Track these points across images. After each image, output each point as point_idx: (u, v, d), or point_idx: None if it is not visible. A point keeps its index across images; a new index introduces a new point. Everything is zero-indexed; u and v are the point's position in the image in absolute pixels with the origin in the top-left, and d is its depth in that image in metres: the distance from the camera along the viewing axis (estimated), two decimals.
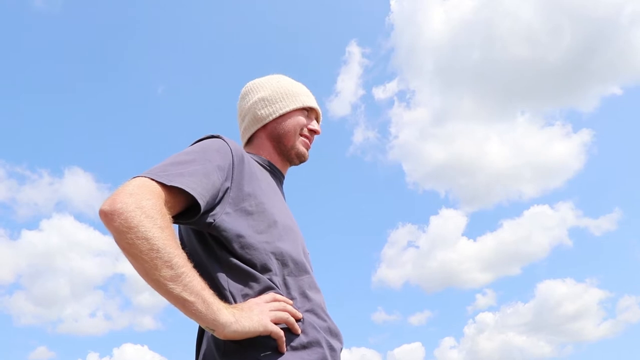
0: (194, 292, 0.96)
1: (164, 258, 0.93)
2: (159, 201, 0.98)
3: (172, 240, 0.96)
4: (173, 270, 0.93)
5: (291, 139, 1.43)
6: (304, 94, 1.49)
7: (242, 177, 1.19)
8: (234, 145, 1.23)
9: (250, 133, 1.46)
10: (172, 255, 0.94)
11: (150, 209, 0.95)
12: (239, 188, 1.17)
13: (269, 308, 1.06)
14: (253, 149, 1.45)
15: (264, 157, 1.42)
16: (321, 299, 1.24)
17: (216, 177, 1.12)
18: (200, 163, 1.10)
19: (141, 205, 0.94)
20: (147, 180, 1.00)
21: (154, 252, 0.92)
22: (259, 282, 1.11)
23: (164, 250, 0.93)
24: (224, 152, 1.18)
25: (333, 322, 1.23)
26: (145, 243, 0.92)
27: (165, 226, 0.96)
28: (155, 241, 0.93)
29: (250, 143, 1.47)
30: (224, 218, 1.12)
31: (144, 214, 0.93)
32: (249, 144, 1.47)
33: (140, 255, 0.92)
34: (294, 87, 1.48)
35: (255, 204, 1.19)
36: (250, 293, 1.10)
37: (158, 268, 0.92)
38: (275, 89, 1.47)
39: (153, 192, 0.98)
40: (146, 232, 0.92)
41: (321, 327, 1.16)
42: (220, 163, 1.15)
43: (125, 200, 0.94)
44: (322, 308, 1.21)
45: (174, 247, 0.95)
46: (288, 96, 1.45)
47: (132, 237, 0.92)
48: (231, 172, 1.17)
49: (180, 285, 0.94)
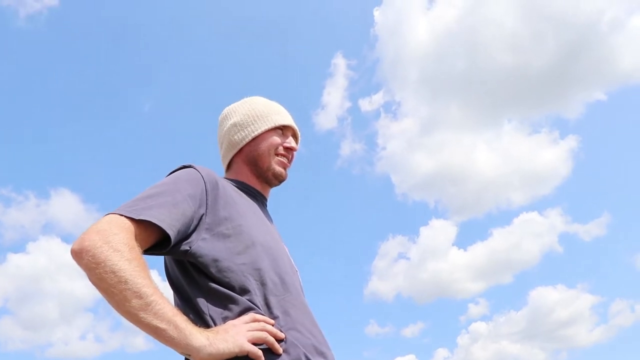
0: (165, 319, 0.97)
1: (133, 289, 0.95)
2: (127, 235, 1.01)
3: (140, 271, 0.98)
4: (142, 300, 0.96)
5: (266, 160, 1.44)
6: (276, 112, 1.49)
7: (217, 202, 1.21)
8: (205, 172, 1.25)
9: (228, 159, 1.49)
10: (140, 285, 0.96)
11: (117, 243, 0.98)
12: (214, 213, 1.19)
13: (247, 328, 1.07)
14: (232, 175, 1.48)
15: (242, 181, 1.44)
16: (307, 316, 1.23)
17: (186, 206, 1.14)
18: (169, 194, 1.13)
19: (108, 240, 0.98)
20: (116, 216, 1.04)
21: (122, 284, 0.95)
22: (238, 304, 1.12)
23: (131, 281, 0.95)
24: (195, 181, 1.20)
25: (321, 339, 1.21)
26: (113, 276, 0.95)
27: (133, 258, 0.99)
28: (122, 273, 0.95)
29: (229, 169, 1.50)
30: (200, 244, 1.15)
31: (111, 249, 0.97)
32: (228, 169, 1.50)
33: (110, 288, 0.95)
34: (265, 108, 1.49)
35: (232, 226, 1.20)
36: (230, 315, 1.11)
37: (127, 299, 0.95)
38: (246, 112, 1.48)
39: (121, 227, 1.02)
40: (113, 265, 0.95)
41: (305, 346, 1.14)
42: (191, 192, 1.17)
43: (93, 237, 0.98)
44: (307, 326, 1.20)
45: (142, 277, 0.97)
46: (259, 118, 1.47)
47: (101, 272, 0.95)
48: (205, 198, 1.19)
49: (151, 314, 0.96)
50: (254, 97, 1.56)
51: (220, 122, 1.55)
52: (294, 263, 1.40)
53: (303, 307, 1.24)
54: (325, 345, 1.21)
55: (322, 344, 1.20)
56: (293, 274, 1.31)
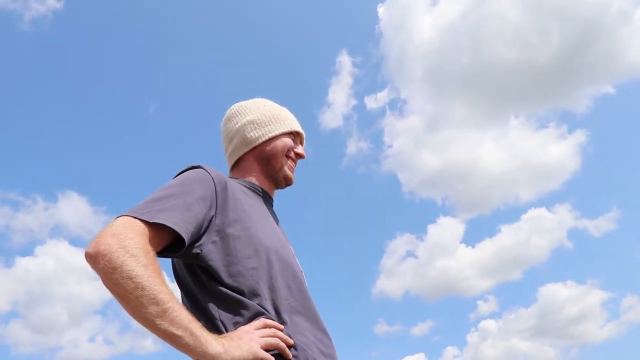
0: (181, 326, 0.97)
1: (150, 295, 0.95)
2: (142, 239, 1.00)
3: (156, 276, 0.98)
4: (159, 307, 0.95)
5: (279, 160, 1.44)
6: (291, 118, 1.52)
7: (226, 204, 1.20)
8: (215, 173, 1.24)
9: (238, 155, 1.47)
10: (157, 292, 0.96)
11: (133, 248, 0.97)
12: (223, 215, 1.19)
13: (259, 335, 1.07)
14: (239, 173, 1.46)
15: (250, 181, 1.43)
16: (314, 320, 1.23)
17: (198, 208, 1.13)
18: (180, 196, 1.12)
19: (124, 244, 0.97)
20: (130, 219, 1.03)
21: (139, 290, 0.94)
22: (248, 309, 1.12)
23: (148, 287, 0.95)
24: (205, 182, 1.20)
25: (327, 342, 1.22)
26: (130, 282, 0.94)
27: (149, 263, 0.98)
28: (139, 279, 0.95)
29: (237, 166, 1.48)
30: (210, 247, 1.15)
31: (127, 253, 0.96)
32: (235, 167, 1.49)
33: (126, 294, 0.95)
34: (281, 112, 1.51)
35: (241, 228, 1.20)
36: (241, 320, 1.11)
37: (144, 305, 0.95)
38: (263, 112, 1.49)
39: (136, 231, 1.01)
40: (130, 271, 0.94)
41: (313, 349, 1.16)
42: (201, 193, 1.16)
43: (108, 241, 0.97)
44: (313, 330, 1.20)
45: (158, 284, 0.97)
46: (277, 120, 1.48)
47: (117, 277, 0.94)
48: (214, 200, 1.19)
49: (167, 321, 0.96)
50: (265, 99, 1.57)
51: (229, 117, 1.53)
52: (299, 263, 1.40)
53: (310, 311, 1.24)
54: (332, 349, 1.22)
55: (329, 347, 1.21)
56: (300, 276, 1.31)
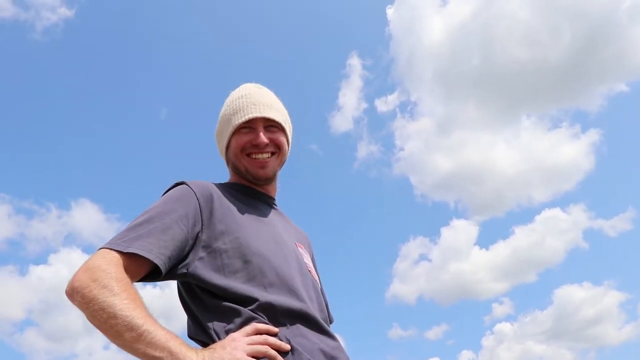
0: (158, 347, 0.98)
1: (123, 323, 0.97)
2: (115, 269, 1.04)
3: (130, 302, 1.00)
4: (134, 332, 0.97)
5: (241, 163, 1.39)
6: (237, 110, 1.38)
7: (213, 216, 1.21)
8: (198, 187, 1.24)
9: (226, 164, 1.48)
10: (130, 317, 0.98)
11: (104, 279, 1.01)
12: (210, 229, 1.19)
13: (247, 342, 1.05)
14: (232, 177, 1.47)
15: (242, 184, 1.43)
16: (316, 319, 1.19)
17: (177, 229, 1.14)
18: (158, 219, 1.14)
19: (95, 277, 1.01)
20: (106, 251, 1.07)
21: (112, 320, 0.97)
22: (240, 315, 1.11)
23: (121, 315, 0.97)
24: (186, 199, 1.20)
25: (332, 343, 1.19)
26: (103, 313, 0.98)
27: (122, 291, 1.01)
28: (111, 309, 0.98)
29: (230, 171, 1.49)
30: (197, 265, 1.16)
31: (99, 286, 1.00)
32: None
33: (102, 325, 0.99)
34: (229, 108, 1.41)
35: (230, 240, 1.19)
36: (233, 328, 1.10)
37: (120, 333, 0.97)
38: (220, 119, 1.45)
39: (110, 262, 1.04)
40: (102, 302, 0.98)
41: (311, 351, 1.12)
42: (182, 212, 1.17)
43: (81, 277, 1.02)
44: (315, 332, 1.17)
45: (131, 309, 0.99)
46: (226, 123, 1.41)
47: (91, 311, 0.99)
48: (199, 215, 1.19)
49: (144, 344, 0.98)
50: (231, 93, 1.47)
51: None
52: (307, 262, 1.36)
53: (309, 311, 1.19)
54: (338, 350, 1.18)
55: (333, 349, 1.17)
56: (302, 277, 1.27)
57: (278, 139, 1.39)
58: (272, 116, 1.38)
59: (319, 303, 1.29)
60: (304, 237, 1.55)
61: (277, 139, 1.39)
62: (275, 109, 1.40)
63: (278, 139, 1.39)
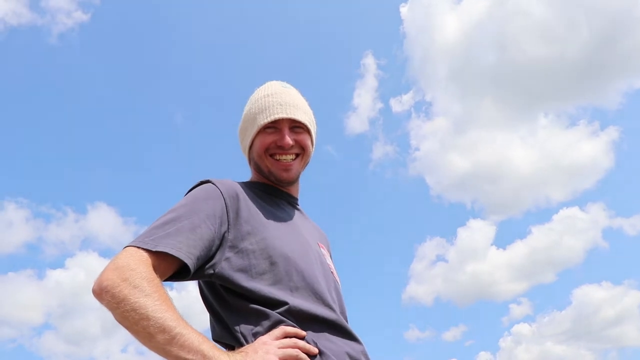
0: (192, 350, 0.96)
1: (156, 324, 0.95)
2: (145, 268, 1.01)
3: (161, 304, 0.98)
4: (167, 334, 0.95)
5: (264, 164, 1.37)
6: (263, 110, 1.35)
7: (239, 217, 1.19)
8: (225, 186, 1.22)
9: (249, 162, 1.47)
10: (163, 319, 0.96)
11: (135, 279, 0.98)
12: (236, 229, 1.18)
13: (277, 345, 1.05)
14: (254, 176, 1.45)
15: (265, 183, 1.41)
16: (341, 324, 1.19)
17: (205, 228, 1.12)
18: (186, 217, 1.12)
19: (125, 277, 0.98)
20: (133, 249, 1.04)
21: (144, 321, 0.95)
22: (268, 318, 1.11)
23: (153, 317, 0.95)
24: (213, 198, 1.18)
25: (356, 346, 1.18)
26: (135, 314, 0.95)
27: (153, 292, 0.98)
28: (143, 310, 0.95)
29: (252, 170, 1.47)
30: (223, 266, 1.14)
31: (129, 286, 0.97)
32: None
33: (134, 326, 0.96)
34: (255, 107, 1.38)
35: (256, 241, 1.18)
36: (261, 330, 1.10)
37: (152, 335, 0.95)
38: (243, 117, 1.42)
39: (139, 261, 1.02)
40: (134, 303, 0.95)
41: (338, 354, 1.12)
42: (209, 212, 1.15)
43: (110, 276, 0.98)
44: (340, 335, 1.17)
45: (164, 311, 0.97)
46: (250, 122, 1.38)
47: (122, 311, 0.96)
48: (226, 215, 1.17)
49: (177, 347, 0.95)
50: (256, 90, 1.44)
51: None
52: (329, 263, 1.35)
53: (333, 313, 1.20)
54: (363, 354, 1.19)
55: (359, 353, 1.17)
56: (325, 278, 1.26)
57: (303, 141, 1.37)
58: (299, 117, 1.35)
59: (340, 305, 1.28)
60: (324, 237, 1.54)
61: (302, 141, 1.37)
62: (301, 109, 1.37)
63: (303, 141, 1.37)
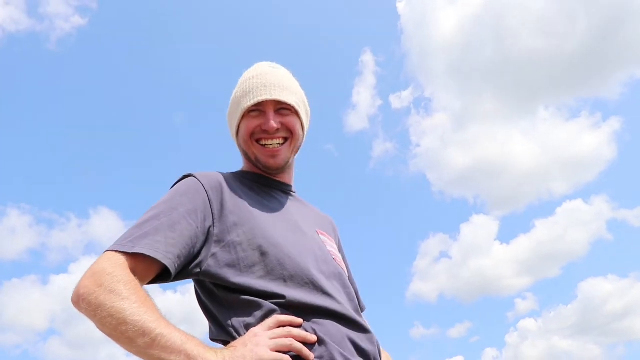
0: (174, 351, 0.92)
1: (135, 328, 0.91)
2: (122, 272, 0.97)
3: (140, 306, 0.94)
4: (147, 337, 0.91)
5: (250, 152, 1.30)
6: (247, 92, 1.28)
7: (224, 209, 1.14)
8: (207, 178, 1.17)
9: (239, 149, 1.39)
10: (141, 322, 0.92)
11: (111, 284, 0.94)
12: (222, 221, 1.13)
13: (269, 336, 1.00)
14: (245, 165, 1.39)
15: (254, 172, 1.34)
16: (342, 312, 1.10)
17: (185, 224, 1.08)
18: (165, 215, 1.08)
19: (101, 283, 0.94)
20: (111, 253, 1.01)
21: (122, 326, 0.91)
22: (260, 309, 1.06)
23: (131, 320, 0.91)
24: (193, 192, 1.14)
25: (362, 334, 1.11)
26: (112, 320, 0.92)
27: (131, 294, 0.94)
28: (120, 315, 0.92)
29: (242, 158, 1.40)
30: (210, 263, 1.09)
31: (105, 291, 0.93)
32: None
33: (113, 332, 0.93)
34: (240, 90, 1.31)
35: (244, 232, 1.12)
36: (252, 322, 1.05)
37: (132, 339, 0.91)
38: (231, 100, 1.35)
39: (115, 265, 0.98)
40: (110, 308, 0.92)
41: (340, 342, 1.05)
42: (189, 207, 1.10)
43: (86, 283, 0.96)
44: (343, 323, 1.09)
45: (142, 313, 0.93)
46: (235, 106, 1.31)
47: (100, 318, 0.93)
48: (209, 209, 1.12)
49: (159, 349, 0.92)
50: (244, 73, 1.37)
51: None
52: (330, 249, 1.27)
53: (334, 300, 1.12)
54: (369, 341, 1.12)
55: (363, 340, 1.11)
56: (324, 265, 1.19)
57: (290, 123, 1.28)
58: (284, 98, 1.27)
59: (347, 293, 1.20)
60: (328, 222, 1.47)
61: (289, 123, 1.28)
62: (288, 90, 1.29)
63: (290, 123, 1.28)
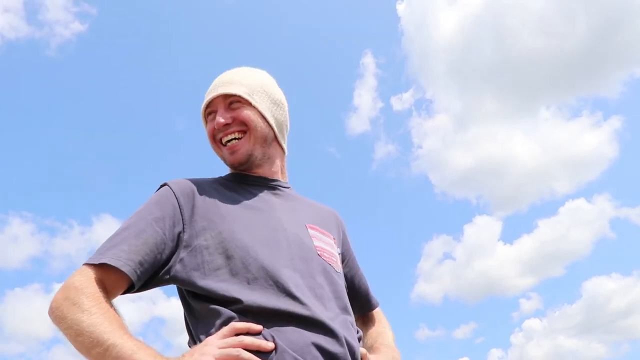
0: None
1: (90, 339, 0.95)
2: (88, 284, 1.01)
3: (99, 317, 0.97)
4: (100, 347, 0.94)
5: (217, 153, 1.33)
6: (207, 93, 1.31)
7: (194, 213, 1.15)
8: (179, 185, 1.18)
9: None
10: (96, 333, 0.95)
11: (74, 296, 0.99)
12: (192, 227, 1.14)
13: (219, 345, 0.97)
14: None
15: (234, 173, 1.33)
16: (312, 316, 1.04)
17: (151, 231, 1.09)
18: (134, 225, 1.10)
19: (67, 295, 1.00)
20: (84, 267, 1.05)
21: (79, 337, 0.96)
22: (220, 316, 1.04)
23: (87, 331, 0.95)
24: (164, 200, 1.15)
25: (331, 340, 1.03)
26: (71, 331, 0.97)
27: (92, 306, 0.98)
28: (77, 326, 0.96)
29: None
30: (177, 268, 1.10)
31: (69, 304, 0.99)
32: None
33: (73, 343, 0.98)
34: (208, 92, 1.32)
35: (211, 236, 1.12)
36: (212, 330, 1.03)
37: (88, 349, 0.95)
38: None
39: (83, 278, 1.03)
40: (70, 320, 0.97)
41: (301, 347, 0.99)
42: (157, 214, 1.12)
43: (56, 296, 1.02)
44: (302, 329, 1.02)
45: (99, 325, 0.96)
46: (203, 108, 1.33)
47: (63, 329, 0.99)
48: (179, 215, 1.14)
49: (110, 358, 0.94)
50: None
51: None
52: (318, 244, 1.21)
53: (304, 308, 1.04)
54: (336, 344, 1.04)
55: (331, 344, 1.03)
56: (302, 263, 1.14)
57: (240, 115, 1.24)
58: (231, 91, 1.24)
59: (333, 290, 1.15)
60: (329, 216, 1.41)
61: (239, 115, 1.24)
62: (238, 82, 1.26)
63: (240, 115, 1.24)
